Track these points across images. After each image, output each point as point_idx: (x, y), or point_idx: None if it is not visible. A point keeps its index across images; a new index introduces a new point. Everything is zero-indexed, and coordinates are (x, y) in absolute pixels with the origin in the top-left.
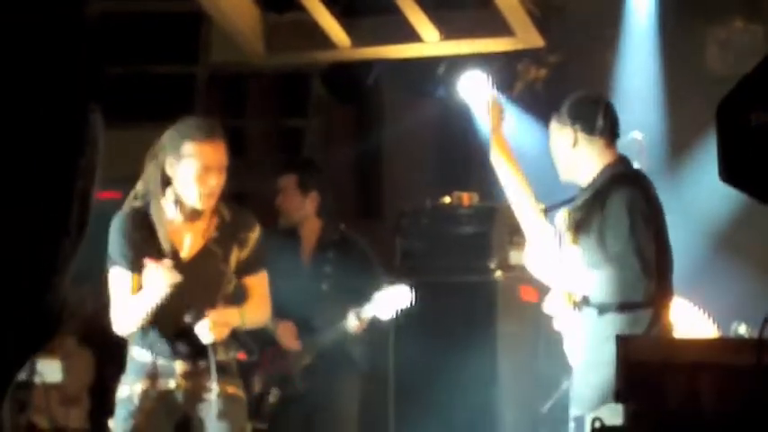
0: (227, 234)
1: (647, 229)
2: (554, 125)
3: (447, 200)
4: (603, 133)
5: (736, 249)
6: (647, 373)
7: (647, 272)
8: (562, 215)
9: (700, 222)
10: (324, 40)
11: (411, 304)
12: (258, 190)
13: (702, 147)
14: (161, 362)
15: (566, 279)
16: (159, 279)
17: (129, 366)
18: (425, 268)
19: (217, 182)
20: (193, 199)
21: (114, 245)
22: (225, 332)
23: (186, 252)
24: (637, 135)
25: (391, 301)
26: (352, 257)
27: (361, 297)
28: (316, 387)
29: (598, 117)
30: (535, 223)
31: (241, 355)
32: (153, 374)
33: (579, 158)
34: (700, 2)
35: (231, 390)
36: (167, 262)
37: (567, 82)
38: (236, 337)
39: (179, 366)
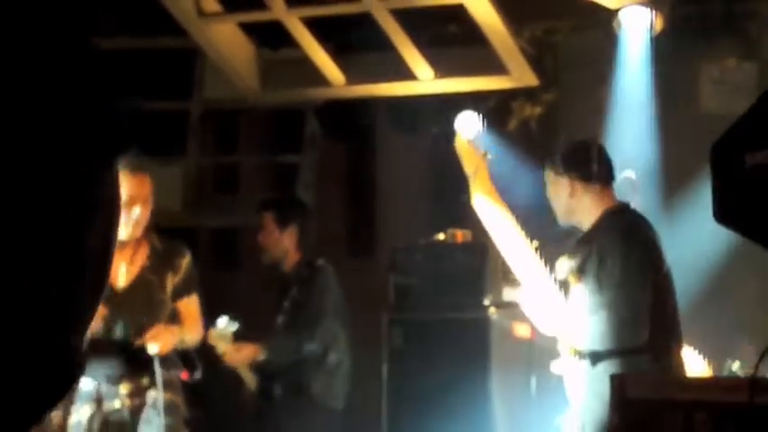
0: (160, 262)
1: (640, 275)
2: (549, 175)
3: (441, 237)
4: (599, 179)
5: (731, 287)
6: (641, 410)
7: (637, 319)
8: (563, 260)
9: (694, 260)
10: (318, 78)
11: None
12: (251, 226)
13: (696, 185)
14: (104, 387)
15: (564, 324)
16: None
17: (76, 396)
18: (419, 305)
19: (141, 212)
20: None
21: None
22: (168, 343)
23: (122, 281)
24: (630, 174)
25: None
26: (311, 293)
27: (305, 324)
28: (271, 417)
29: (593, 163)
30: (528, 263)
31: (184, 375)
32: (98, 398)
33: (578, 206)
34: (693, 40)
35: (171, 397)
36: None
37: (562, 120)
38: (181, 356)
39: (122, 388)
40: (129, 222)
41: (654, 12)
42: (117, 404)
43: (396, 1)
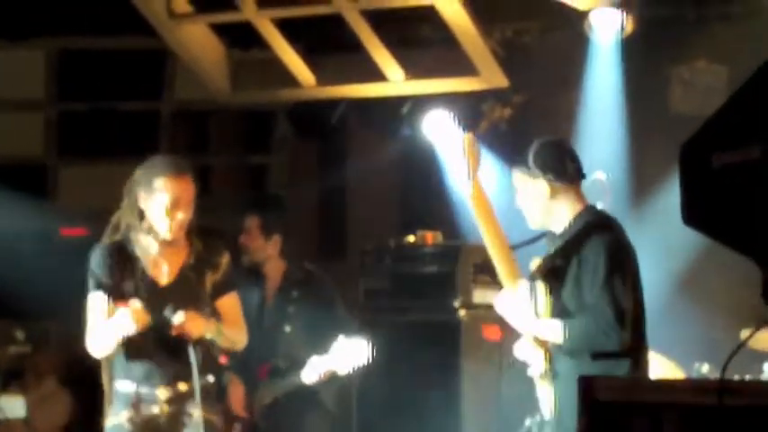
0: (200, 261)
1: (623, 278)
2: (523, 177)
3: (411, 239)
4: (572, 178)
5: (700, 289)
6: (609, 413)
7: (622, 322)
8: (535, 262)
9: (663, 262)
10: (289, 79)
11: (368, 360)
12: (221, 226)
13: (666, 187)
14: (143, 390)
15: (538, 326)
16: (130, 322)
17: (114, 399)
18: (389, 307)
19: (185, 214)
20: (164, 230)
21: (93, 273)
22: (201, 328)
23: (164, 279)
24: (600, 175)
25: (349, 355)
26: (316, 298)
27: (323, 339)
28: (281, 426)
29: (566, 162)
30: (508, 270)
31: (223, 358)
32: (136, 403)
33: (556, 207)
34: (663, 42)
35: (209, 415)
36: (136, 302)
37: (532, 122)
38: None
39: (161, 393)
40: (173, 224)
41: (624, 13)
42: (155, 409)
43: (366, 2)
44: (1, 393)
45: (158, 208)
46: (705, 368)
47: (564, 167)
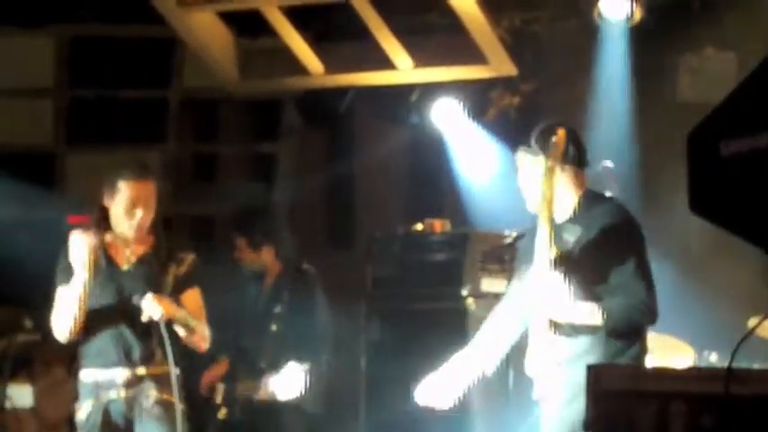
0: (164, 252)
1: (648, 257)
2: (524, 157)
3: (419, 227)
4: (574, 161)
5: (708, 278)
6: (616, 402)
7: (653, 298)
8: (553, 251)
9: (671, 251)
10: (297, 67)
11: (301, 392)
12: (229, 214)
13: (674, 175)
14: (102, 376)
15: (575, 310)
16: (80, 242)
17: (80, 391)
18: (396, 295)
19: (144, 215)
20: (124, 229)
21: (59, 270)
22: (170, 310)
23: (125, 264)
24: (608, 163)
25: (288, 384)
26: (303, 300)
27: (302, 344)
28: (258, 424)
29: (567, 145)
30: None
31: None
32: (96, 390)
33: (552, 188)
34: (672, 30)
35: (167, 396)
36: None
37: (540, 110)
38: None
39: (119, 375)
40: (133, 225)
41: (632, 2)
42: (113, 394)
43: None
44: (9, 382)
45: (118, 208)
46: (714, 357)
47: (565, 150)
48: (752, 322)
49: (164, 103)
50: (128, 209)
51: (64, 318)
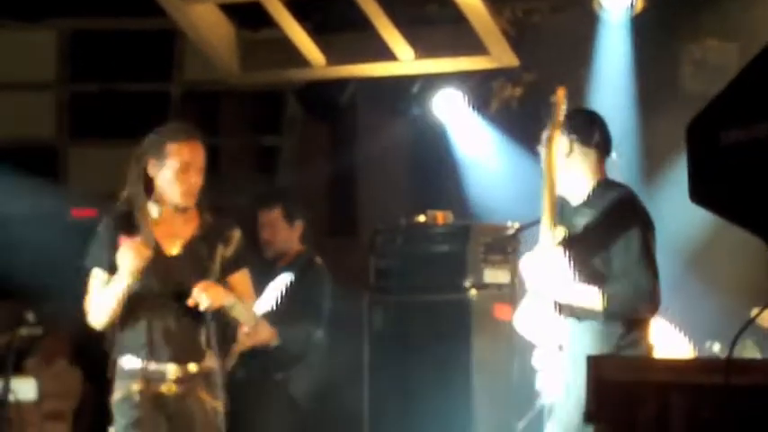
0: (210, 232)
1: (654, 246)
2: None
3: (421, 218)
4: (598, 147)
5: (711, 268)
6: (617, 393)
7: (656, 289)
8: (560, 231)
9: (674, 241)
10: (298, 59)
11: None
12: (231, 208)
13: (676, 166)
14: (153, 366)
15: (572, 291)
16: (131, 254)
17: (119, 375)
18: (399, 287)
19: (196, 180)
20: (175, 196)
21: (94, 247)
22: (220, 299)
23: (171, 249)
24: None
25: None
26: (307, 286)
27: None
28: (247, 415)
29: (594, 130)
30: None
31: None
32: (145, 378)
33: (572, 169)
34: (674, 21)
35: (214, 403)
36: (139, 239)
37: (542, 100)
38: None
39: (171, 371)
40: (184, 190)
41: None
42: (163, 387)
43: None
44: (13, 375)
45: (169, 174)
46: (716, 347)
47: (590, 134)
48: (754, 312)
49: (165, 96)
50: (179, 173)
51: (101, 311)
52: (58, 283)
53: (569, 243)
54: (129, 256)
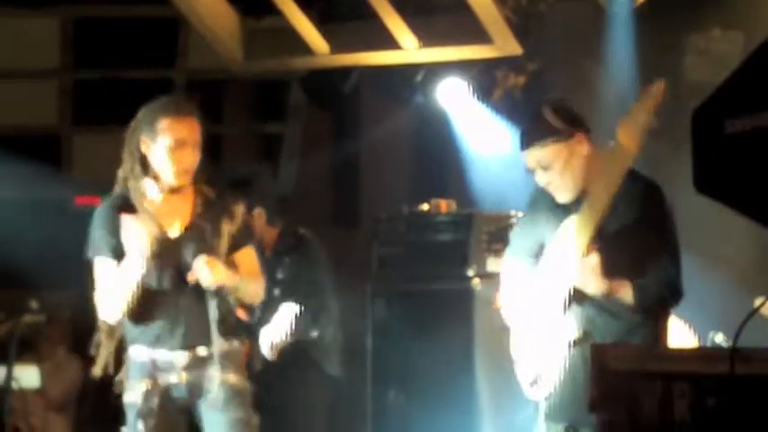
0: (214, 209)
1: (678, 236)
2: (554, 147)
3: (424, 207)
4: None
5: (715, 258)
6: (620, 382)
7: (681, 280)
8: (565, 225)
9: (678, 230)
10: (302, 47)
11: (290, 327)
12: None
13: (680, 156)
14: (160, 357)
15: (613, 286)
16: (138, 231)
17: (130, 369)
18: (402, 276)
19: (191, 158)
20: (169, 175)
21: (95, 234)
22: (223, 276)
23: (173, 230)
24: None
25: (279, 322)
26: (305, 264)
27: (306, 303)
28: (284, 395)
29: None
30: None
31: (242, 313)
32: (153, 372)
33: (592, 166)
34: (678, 10)
35: (234, 379)
36: (145, 216)
37: (546, 89)
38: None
39: (179, 358)
40: (178, 168)
41: None
42: (173, 378)
43: None
44: (16, 363)
45: (162, 152)
46: (719, 337)
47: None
48: (758, 302)
49: (169, 84)
50: (172, 151)
51: (117, 300)
52: (61, 271)
53: (601, 238)
54: (140, 233)
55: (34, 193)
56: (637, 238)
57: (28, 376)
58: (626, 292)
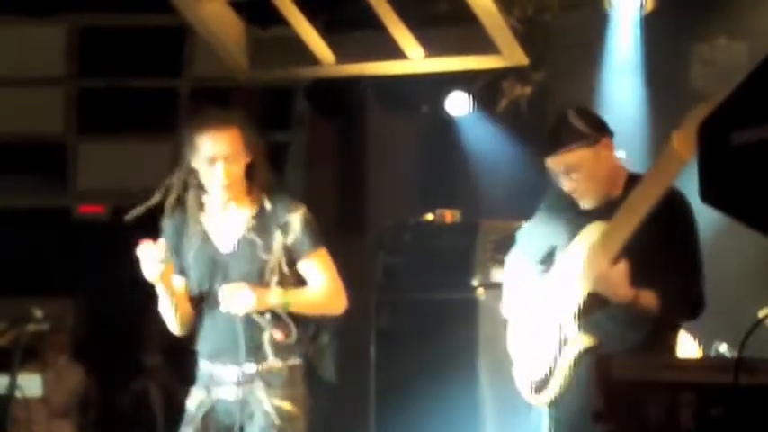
0: (267, 222)
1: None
2: (580, 152)
3: (429, 216)
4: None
5: (719, 268)
6: (625, 392)
7: (703, 292)
8: (589, 231)
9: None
10: (308, 56)
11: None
12: None
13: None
14: (216, 371)
15: (639, 295)
16: (149, 258)
17: (196, 376)
18: (407, 285)
19: (227, 171)
20: (212, 190)
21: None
22: (251, 302)
23: (224, 245)
24: (621, 154)
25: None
26: None
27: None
28: None
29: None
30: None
31: (281, 336)
32: (209, 385)
33: (619, 170)
34: (684, 20)
35: (284, 405)
36: (161, 241)
37: (552, 100)
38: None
39: (231, 374)
40: (218, 183)
41: None
42: (223, 393)
43: None
44: (19, 371)
45: (202, 167)
46: (723, 347)
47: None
48: (762, 313)
49: (174, 93)
50: (207, 166)
51: (167, 321)
52: (65, 279)
53: (629, 247)
54: (149, 261)
55: (38, 201)
56: (662, 247)
57: (31, 385)
58: (650, 302)
